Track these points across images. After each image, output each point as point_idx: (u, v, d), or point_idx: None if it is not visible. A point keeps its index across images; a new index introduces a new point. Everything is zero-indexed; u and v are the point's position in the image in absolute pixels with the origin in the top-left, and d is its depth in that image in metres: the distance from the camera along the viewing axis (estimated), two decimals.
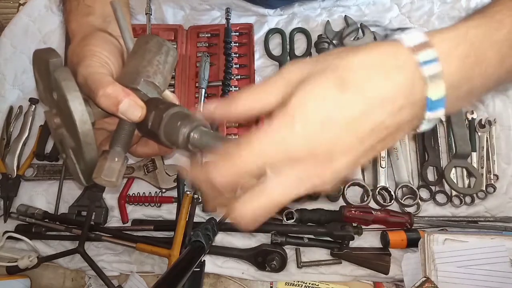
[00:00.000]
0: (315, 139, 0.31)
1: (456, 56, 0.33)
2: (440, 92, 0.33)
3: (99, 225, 0.78)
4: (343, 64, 0.32)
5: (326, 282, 0.72)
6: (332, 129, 0.31)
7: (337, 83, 0.31)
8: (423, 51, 0.32)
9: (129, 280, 0.74)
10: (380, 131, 0.32)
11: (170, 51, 0.47)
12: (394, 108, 0.32)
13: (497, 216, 0.75)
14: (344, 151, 0.32)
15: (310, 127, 0.31)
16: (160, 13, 0.95)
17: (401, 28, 0.89)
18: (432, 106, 0.33)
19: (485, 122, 0.80)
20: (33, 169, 0.84)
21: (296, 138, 0.31)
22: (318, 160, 0.31)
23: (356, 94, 0.31)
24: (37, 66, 0.43)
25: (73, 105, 0.37)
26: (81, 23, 0.51)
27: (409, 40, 0.33)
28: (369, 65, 0.32)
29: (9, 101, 0.91)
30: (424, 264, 0.67)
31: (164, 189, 0.80)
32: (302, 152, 0.31)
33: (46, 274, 0.78)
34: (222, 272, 0.74)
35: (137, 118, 0.41)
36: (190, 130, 0.37)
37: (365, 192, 0.77)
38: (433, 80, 0.32)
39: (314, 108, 0.31)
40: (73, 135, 0.39)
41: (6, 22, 1.62)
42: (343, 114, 0.31)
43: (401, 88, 0.32)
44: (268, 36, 0.92)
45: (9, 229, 0.79)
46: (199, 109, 0.38)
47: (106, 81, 0.41)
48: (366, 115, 0.31)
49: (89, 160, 0.40)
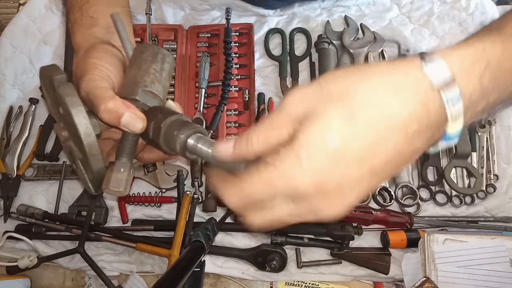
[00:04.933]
0: (324, 175, 0.30)
1: (474, 76, 0.32)
2: (459, 126, 0.32)
3: (99, 225, 0.78)
4: (350, 92, 0.31)
5: (326, 282, 0.72)
6: (341, 164, 0.30)
7: (344, 115, 0.30)
8: (448, 88, 0.31)
9: (129, 280, 0.74)
10: (394, 159, 0.31)
11: (166, 58, 0.48)
12: (408, 135, 0.30)
13: (497, 216, 0.75)
14: (355, 184, 0.31)
15: (317, 164, 0.30)
16: (160, 13, 0.95)
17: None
18: (448, 138, 0.33)
19: (485, 122, 0.80)
20: (33, 169, 0.84)
21: (303, 175, 0.30)
22: (328, 195, 0.31)
23: (366, 125, 0.30)
24: (43, 82, 0.45)
25: (77, 119, 0.39)
26: (85, 35, 0.52)
27: (433, 71, 0.31)
28: (378, 91, 0.30)
29: (9, 101, 0.91)
30: (424, 264, 0.67)
31: (164, 189, 0.80)
32: (310, 189, 0.30)
33: (46, 274, 0.78)
34: (222, 272, 0.74)
35: (139, 130, 0.42)
36: (187, 137, 0.38)
37: None
38: (455, 117, 0.31)
39: (321, 144, 0.30)
40: (80, 147, 0.41)
41: (6, 22, 1.62)
42: (352, 148, 0.30)
43: (415, 113, 0.30)
44: (268, 36, 0.92)
45: (9, 229, 0.79)
46: (217, 148, 0.38)
47: (107, 96, 0.42)
48: (378, 146, 0.30)
49: (96, 171, 0.41)
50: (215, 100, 0.85)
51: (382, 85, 0.31)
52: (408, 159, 0.32)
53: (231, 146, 0.35)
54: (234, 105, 0.86)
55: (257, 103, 0.85)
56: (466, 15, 0.92)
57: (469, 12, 0.92)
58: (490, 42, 0.34)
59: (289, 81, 0.88)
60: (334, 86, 0.31)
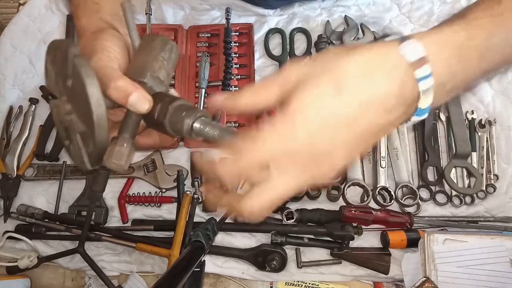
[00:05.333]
0: (315, 137, 0.33)
1: (443, 59, 0.36)
2: (429, 101, 0.36)
3: (99, 225, 0.78)
4: (339, 66, 0.35)
5: (326, 282, 0.72)
6: (330, 128, 0.34)
7: (334, 86, 0.34)
8: (421, 67, 0.35)
9: (129, 280, 0.75)
10: (374, 128, 0.35)
11: (173, 48, 0.50)
12: (387, 108, 0.35)
13: (497, 216, 0.75)
14: (341, 147, 0.35)
15: (310, 126, 0.33)
16: (160, 13, 0.95)
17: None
18: (420, 113, 0.37)
19: (485, 122, 0.80)
20: (33, 169, 0.84)
21: (298, 136, 0.33)
22: (318, 156, 0.34)
23: (352, 96, 0.34)
24: (52, 55, 0.46)
25: (90, 89, 0.40)
26: (91, 19, 0.54)
27: (409, 53, 0.35)
28: (363, 67, 0.34)
29: (9, 101, 0.91)
30: (424, 264, 0.67)
31: (164, 189, 0.80)
32: (303, 149, 0.34)
33: (46, 274, 0.78)
34: (222, 272, 0.74)
35: (144, 110, 0.43)
36: (194, 120, 0.41)
37: (365, 192, 0.77)
38: (426, 93, 0.35)
39: (313, 109, 0.33)
40: (86, 119, 0.42)
41: (6, 22, 1.62)
42: (341, 114, 0.34)
43: (393, 89, 0.34)
44: (268, 36, 0.92)
45: (9, 229, 0.79)
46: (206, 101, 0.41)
47: (117, 75, 0.43)
48: (362, 115, 0.34)
49: (99, 142, 0.42)
50: None
51: (366, 63, 0.35)
52: (386, 129, 0.37)
53: (222, 97, 0.39)
54: None
55: None
56: None
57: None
58: (456, 29, 0.38)
59: None
60: (326, 60, 0.36)
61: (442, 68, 0.36)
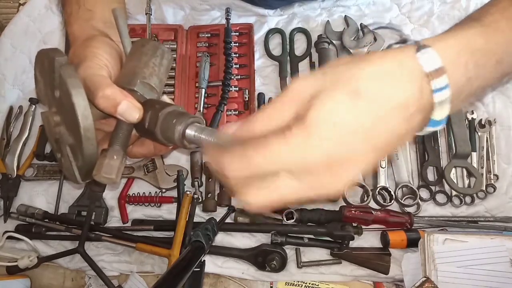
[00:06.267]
0: (332, 151, 0.32)
1: (459, 64, 0.35)
2: (445, 113, 0.34)
3: (99, 225, 0.78)
4: (355, 75, 0.33)
5: (326, 282, 0.72)
6: (348, 140, 0.32)
7: (351, 95, 0.32)
8: (438, 78, 0.33)
9: (129, 280, 0.74)
10: (392, 138, 0.33)
11: (165, 54, 0.48)
12: (406, 116, 0.33)
13: (497, 216, 0.75)
14: (359, 160, 0.33)
15: (327, 140, 0.32)
16: (160, 13, 0.95)
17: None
18: (433, 124, 0.35)
19: (485, 122, 0.80)
20: (33, 169, 0.84)
21: (313, 149, 0.32)
22: (332, 170, 0.33)
23: (370, 106, 0.32)
24: (40, 64, 0.44)
25: (76, 100, 0.38)
26: (83, 26, 0.53)
27: (426, 62, 0.33)
28: (380, 74, 0.33)
29: (9, 101, 0.91)
30: (424, 264, 0.67)
31: (164, 189, 0.80)
32: (318, 163, 0.32)
33: (46, 274, 0.78)
34: (222, 272, 0.74)
35: (134, 119, 0.42)
36: (185, 127, 0.39)
37: (365, 192, 0.77)
38: (441, 104, 0.34)
39: (330, 122, 0.32)
40: (74, 131, 0.40)
41: (6, 22, 1.62)
42: (358, 126, 0.32)
43: (412, 96, 0.33)
44: (268, 36, 0.92)
45: (9, 229, 0.79)
46: (221, 130, 0.38)
47: (105, 83, 0.42)
48: (381, 124, 0.32)
49: (88, 156, 0.40)
50: (215, 100, 0.85)
51: (381, 71, 0.33)
52: (404, 139, 0.35)
53: (235, 126, 0.36)
54: (234, 105, 0.86)
55: (257, 103, 0.85)
56: (466, 15, 0.92)
57: (469, 12, 0.92)
58: (472, 33, 0.37)
59: (289, 81, 0.88)
60: (338, 72, 0.34)
61: (459, 75, 0.35)
